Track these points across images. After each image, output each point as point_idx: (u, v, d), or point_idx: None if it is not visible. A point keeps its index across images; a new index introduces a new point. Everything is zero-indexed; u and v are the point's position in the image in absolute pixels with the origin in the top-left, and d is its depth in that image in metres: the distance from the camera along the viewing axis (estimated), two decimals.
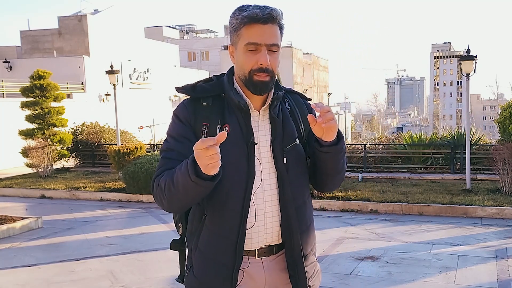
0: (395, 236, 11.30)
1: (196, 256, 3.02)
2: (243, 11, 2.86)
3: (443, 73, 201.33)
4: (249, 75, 2.90)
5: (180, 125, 2.99)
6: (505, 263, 9.24)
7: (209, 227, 2.96)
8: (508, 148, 14.65)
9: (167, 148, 2.97)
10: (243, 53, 2.89)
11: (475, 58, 15.02)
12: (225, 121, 2.94)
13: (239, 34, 2.89)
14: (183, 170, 2.64)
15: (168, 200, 2.81)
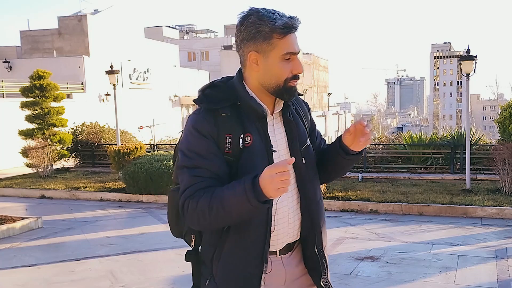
0: (395, 236, 11.30)
1: (219, 266, 2.98)
2: (272, 18, 2.83)
3: (443, 73, 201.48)
4: (284, 83, 2.91)
5: (203, 140, 2.87)
6: (505, 263, 9.24)
7: (235, 237, 2.93)
8: (508, 148, 14.66)
9: (193, 165, 2.86)
10: (278, 62, 2.88)
11: (475, 58, 15.02)
12: (246, 130, 2.91)
13: (273, 43, 2.85)
14: (239, 194, 2.63)
15: (210, 223, 2.78)
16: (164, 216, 13.75)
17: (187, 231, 3.16)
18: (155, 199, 15.94)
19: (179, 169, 2.93)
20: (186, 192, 2.82)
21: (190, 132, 2.91)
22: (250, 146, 2.89)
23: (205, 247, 3.08)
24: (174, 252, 10.38)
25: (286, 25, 2.82)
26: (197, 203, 2.75)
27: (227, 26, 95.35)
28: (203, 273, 3.10)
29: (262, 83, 2.95)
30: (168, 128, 39.11)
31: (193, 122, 2.92)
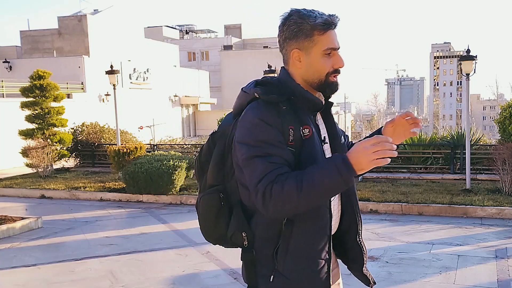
0: (395, 236, 11.31)
1: (288, 260, 2.95)
2: (312, 17, 2.94)
3: (443, 73, 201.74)
4: (326, 77, 3.01)
5: (271, 129, 2.86)
6: (505, 263, 9.24)
7: (301, 228, 2.94)
8: (508, 148, 14.67)
9: (265, 154, 2.82)
10: (320, 58, 2.98)
11: (475, 58, 15.03)
12: (304, 123, 2.95)
13: (314, 40, 2.95)
14: (329, 169, 2.67)
15: (297, 205, 2.73)
16: (164, 216, 13.78)
17: (235, 231, 3.06)
18: (155, 199, 15.95)
19: (247, 161, 2.85)
20: (265, 178, 2.76)
21: (255, 124, 2.88)
22: (310, 138, 2.94)
23: (261, 244, 3.02)
24: (174, 252, 10.41)
25: (326, 22, 2.94)
26: (283, 186, 2.70)
27: (227, 26, 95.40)
28: (259, 272, 3.04)
29: (306, 79, 3.04)
30: (168, 128, 39.14)
31: (257, 113, 2.90)
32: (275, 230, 2.94)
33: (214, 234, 3.23)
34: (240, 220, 3.05)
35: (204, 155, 3.29)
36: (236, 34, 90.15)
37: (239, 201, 3.09)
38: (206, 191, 3.20)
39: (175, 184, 15.99)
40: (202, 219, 3.25)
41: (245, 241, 3.05)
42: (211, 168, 3.18)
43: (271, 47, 72.87)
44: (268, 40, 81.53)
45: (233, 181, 3.12)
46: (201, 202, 3.24)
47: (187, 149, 23.46)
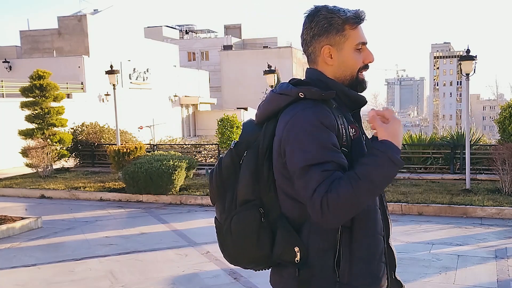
0: (395, 236, 11.15)
1: (354, 267, 2.79)
2: (342, 11, 2.88)
3: (442, 73, 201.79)
4: (357, 74, 2.96)
5: (329, 133, 2.70)
6: (505, 263, 9.25)
7: (363, 232, 2.82)
8: (508, 148, 14.69)
9: (321, 161, 2.64)
10: (352, 53, 2.92)
11: (475, 58, 15.05)
12: (351, 122, 2.91)
13: (346, 34, 2.89)
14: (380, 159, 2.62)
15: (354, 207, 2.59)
16: (163, 216, 13.80)
17: (284, 247, 2.80)
18: (155, 199, 15.96)
19: (302, 170, 2.65)
20: (319, 189, 2.57)
21: (315, 125, 2.69)
22: (357, 138, 2.88)
23: (317, 257, 2.80)
24: (173, 252, 10.42)
25: (357, 16, 2.89)
26: (338, 192, 2.53)
27: (227, 26, 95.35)
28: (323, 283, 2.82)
29: (338, 76, 2.95)
30: (168, 128, 39.12)
31: (315, 114, 2.72)
32: (331, 239, 2.78)
33: (252, 256, 2.96)
34: (290, 234, 2.82)
35: (226, 169, 3.01)
36: (236, 34, 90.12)
37: (281, 215, 2.88)
38: (239, 208, 2.92)
39: (175, 184, 16.00)
40: (238, 241, 2.94)
41: (297, 257, 2.80)
42: (245, 181, 2.91)
43: (271, 47, 73.08)
44: (268, 40, 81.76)
45: (271, 194, 2.89)
46: (234, 222, 2.92)
47: (187, 149, 23.48)
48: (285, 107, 2.81)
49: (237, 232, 2.90)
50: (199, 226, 12.60)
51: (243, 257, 2.98)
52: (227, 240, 2.96)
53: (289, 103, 2.80)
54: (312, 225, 2.76)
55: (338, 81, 2.92)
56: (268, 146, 2.86)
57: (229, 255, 3.02)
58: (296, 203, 2.78)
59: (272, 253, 2.86)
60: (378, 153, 2.63)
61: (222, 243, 3.01)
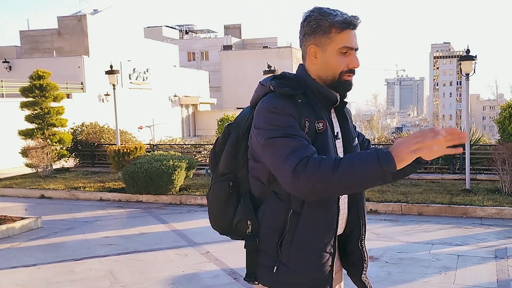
0: (395, 236, 11.32)
1: (292, 251, 2.98)
2: (332, 15, 3.00)
3: (442, 73, 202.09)
4: (339, 75, 3.07)
5: (287, 117, 2.89)
6: (505, 263, 9.25)
7: (310, 218, 2.97)
8: (508, 148, 14.70)
9: (289, 134, 2.83)
10: (335, 56, 3.04)
11: (475, 58, 15.08)
12: (318, 117, 3.00)
13: (331, 37, 3.01)
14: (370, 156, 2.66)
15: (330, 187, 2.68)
16: (163, 216, 13.80)
17: (241, 218, 3.13)
18: (155, 199, 15.96)
19: (268, 141, 2.85)
20: (296, 154, 2.75)
21: (270, 111, 2.92)
22: (324, 132, 2.99)
23: (266, 234, 3.06)
24: (173, 252, 10.42)
25: (344, 21, 2.99)
26: (320, 162, 2.69)
27: (227, 26, 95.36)
28: (261, 262, 3.09)
29: (320, 75, 3.09)
30: (168, 128, 39.15)
31: (273, 104, 2.94)
32: (280, 220, 3.00)
33: (221, 222, 3.28)
34: (247, 208, 3.10)
35: (218, 145, 3.33)
36: (236, 34, 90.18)
37: (248, 191, 3.16)
38: (217, 179, 3.27)
39: (174, 184, 15.99)
40: (211, 206, 3.32)
41: (249, 229, 3.10)
42: (224, 156, 3.25)
43: (271, 47, 73.01)
44: (267, 40, 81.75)
45: (244, 170, 3.18)
46: (211, 190, 3.31)
47: (186, 149, 23.47)
48: (263, 96, 3.06)
49: (211, 200, 3.32)
50: (199, 226, 12.60)
51: (216, 223, 3.33)
52: (208, 205, 3.36)
53: (266, 93, 3.05)
54: (267, 205, 3.05)
55: (321, 80, 3.09)
56: (247, 128, 3.14)
57: (209, 220, 3.38)
58: (258, 183, 3.08)
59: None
60: (372, 150, 2.70)
61: (208, 208, 3.38)
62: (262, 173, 3.02)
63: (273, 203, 3.03)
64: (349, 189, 2.80)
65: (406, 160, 2.65)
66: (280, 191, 2.98)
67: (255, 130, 2.97)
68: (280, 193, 2.99)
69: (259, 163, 3.02)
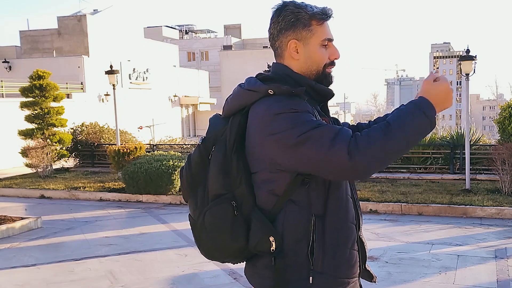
0: (395, 236, 11.33)
1: (326, 255, 2.83)
2: (309, 7, 2.92)
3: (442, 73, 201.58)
4: (323, 68, 2.98)
5: (309, 114, 2.75)
6: (505, 263, 9.26)
7: (335, 219, 2.86)
8: (508, 148, 14.72)
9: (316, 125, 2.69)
10: (318, 49, 2.95)
11: (475, 58, 15.07)
12: (322, 114, 2.96)
13: (312, 30, 2.92)
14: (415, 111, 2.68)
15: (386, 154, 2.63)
16: (163, 216, 13.83)
17: (260, 237, 2.84)
18: (155, 199, 15.98)
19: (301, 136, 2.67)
20: (340, 136, 2.64)
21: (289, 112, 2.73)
22: None
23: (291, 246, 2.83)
24: (173, 252, 10.43)
25: (324, 12, 2.93)
26: (368, 135, 2.63)
27: (227, 26, 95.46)
28: (291, 277, 2.85)
29: (303, 70, 2.97)
30: (168, 128, 39.17)
31: (286, 105, 2.75)
32: (304, 228, 2.82)
33: (228, 250, 2.98)
34: (265, 224, 2.84)
35: (195, 165, 3.02)
36: (236, 34, 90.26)
37: (253, 207, 2.90)
38: (211, 203, 2.93)
39: (174, 184, 16.00)
40: (213, 236, 2.97)
41: (273, 247, 2.82)
42: (215, 176, 2.93)
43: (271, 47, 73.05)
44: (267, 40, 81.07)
45: (242, 187, 2.89)
46: (208, 217, 2.94)
47: (186, 149, 23.45)
48: (253, 103, 2.84)
49: (211, 227, 2.94)
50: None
51: (219, 252, 3.02)
52: (202, 235, 3.00)
53: (258, 99, 2.82)
54: (285, 216, 2.81)
55: (304, 75, 2.96)
56: (235, 140, 2.89)
57: (205, 251, 3.06)
58: (270, 196, 2.83)
59: (247, 245, 2.90)
60: (410, 104, 2.71)
61: (198, 239, 3.05)
62: (280, 183, 2.81)
63: (292, 212, 2.82)
64: (406, 149, 2.74)
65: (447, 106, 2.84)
66: (297, 198, 2.81)
67: (275, 136, 2.71)
68: (298, 200, 2.81)
69: (277, 173, 2.80)
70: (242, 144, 2.90)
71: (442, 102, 2.76)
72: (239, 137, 2.89)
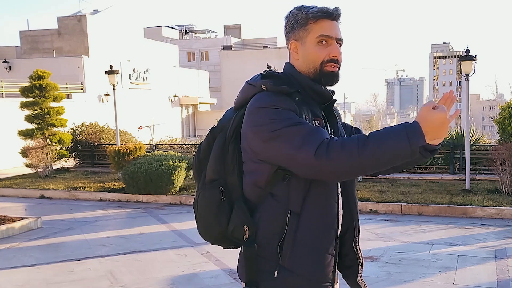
0: (395, 236, 11.35)
1: (294, 253, 2.90)
2: (309, 8, 2.99)
3: (442, 73, 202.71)
4: (321, 66, 2.99)
5: (289, 112, 2.82)
6: (505, 263, 9.28)
7: (310, 219, 2.90)
8: (508, 148, 14.75)
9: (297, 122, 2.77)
10: (314, 46, 2.98)
11: (475, 58, 15.12)
12: (315, 115, 2.95)
13: (308, 29, 2.98)
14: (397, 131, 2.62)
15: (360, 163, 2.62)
16: (163, 216, 13.84)
17: (237, 224, 2.98)
18: (155, 199, 16.00)
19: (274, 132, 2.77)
20: (314, 136, 2.70)
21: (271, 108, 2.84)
22: None
23: (265, 238, 2.95)
24: (173, 252, 10.45)
25: (319, 11, 2.95)
26: (342, 144, 2.63)
27: (227, 26, 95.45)
28: (261, 268, 2.97)
29: (303, 69, 3.04)
30: (168, 128, 39.21)
31: (271, 101, 2.86)
32: (279, 223, 2.90)
33: (214, 232, 3.13)
34: (243, 213, 2.98)
35: (203, 151, 3.24)
36: (236, 34, 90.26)
37: (241, 196, 3.03)
38: (206, 186, 3.13)
39: (174, 184, 16.04)
40: (201, 216, 3.16)
41: (246, 235, 2.97)
42: (212, 162, 3.13)
43: (271, 47, 73.09)
44: (267, 40, 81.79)
45: (234, 175, 3.05)
46: (200, 198, 3.16)
47: (186, 149, 23.47)
48: (252, 97, 2.97)
49: (201, 208, 3.15)
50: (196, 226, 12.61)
51: (207, 233, 3.19)
52: (196, 215, 3.21)
53: (255, 93, 2.95)
54: (264, 208, 2.94)
55: (304, 74, 3.02)
56: (235, 130, 3.04)
57: (199, 230, 3.24)
58: (254, 187, 2.96)
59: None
60: (399, 126, 2.66)
61: (196, 218, 3.24)
62: (262, 174, 2.92)
63: (270, 205, 2.93)
64: (377, 167, 2.71)
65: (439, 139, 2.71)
66: (277, 193, 2.91)
67: (253, 128, 2.87)
68: (277, 194, 2.90)
69: (259, 164, 2.91)
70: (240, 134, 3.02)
71: (436, 132, 2.65)
72: (238, 128, 3.02)
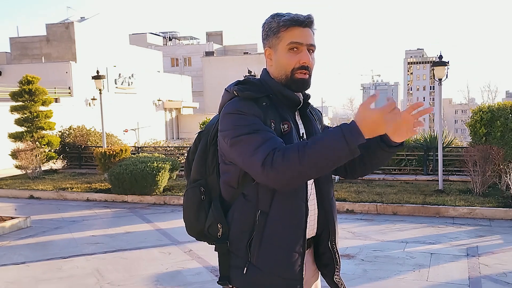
0: (370, 235, 11.46)
1: (261, 252, 2.99)
2: (281, 15, 3.05)
3: (416, 78, 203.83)
4: (291, 73, 3.06)
5: (252, 117, 2.91)
6: (476, 261, 9.45)
7: (278, 218, 2.97)
8: (479, 151, 14.89)
9: (255, 129, 2.86)
10: (285, 53, 3.05)
11: (447, 64, 15.29)
12: (283, 118, 3.03)
13: (280, 36, 3.05)
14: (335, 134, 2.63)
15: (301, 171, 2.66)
16: (148, 216, 14.00)
17: (212, 222, 3.13)
18: (140, 199, 16.19)
19: (234, 139, 2.89)
20: (264, 146, 2.77)
21: (234, 113, 2.95)
22: (289, 133, 2.99)
23: (236, 236, 3.07)
24: (157, 250, 10.58)
25: (291, 19, 3.01)
26: (283, 154, 2.67)
27: (209, 33, 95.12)
28: (233, 264, 3.09)
29: (276, 76, 3.12)
30: (152, 131, 39.29)
31: (237, 106, 2.96)
32: (249, 221, 3.00)
33: (196, 228, 3.28)
34: (217, 211, 3.10)
35: (191, 153, 3.39)
36: (218, 40, 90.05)
37: (218, 195, 3.16)
38: (190, 185, 3.30)
39: (158, 185, 16.25)
40: (185, 213, 3.32)
41: (219, 232, 3.09)
42: (195, 163, 3.29)
43: (251, 53, 73.09)
44: (248, 47, 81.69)
45: (214, 175, 3.19)
46: (185, 196, 3.33)
47: (170, 151, 23.60)
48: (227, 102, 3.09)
49: (184, 206, 3.34)
50: (182, 226, 12.44)
51: (190, 228, 3.36)
52: (183, 212, 3.39)
53: (230, 99, 3.06)
54: (236, 207, 3.07)
55: (277, 80, 3.12)
56: (216, 133, 3.17)
57: (185, 225, 3.39)
58: (228, 186, 3.11)
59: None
60: (336, 128, 2.67)
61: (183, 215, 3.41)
62: (233, 175, 3.04)
63: (241, 204, 3.04)
64: (320, 171, 2.74)
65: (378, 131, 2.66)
66: (247, 193, 3.01)
67: (221, 133, 2.99)
68: (247, 194, 3.01)
69: (229, 165, 3.03)
70: None
71: (374, 129, 2.63)
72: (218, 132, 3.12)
